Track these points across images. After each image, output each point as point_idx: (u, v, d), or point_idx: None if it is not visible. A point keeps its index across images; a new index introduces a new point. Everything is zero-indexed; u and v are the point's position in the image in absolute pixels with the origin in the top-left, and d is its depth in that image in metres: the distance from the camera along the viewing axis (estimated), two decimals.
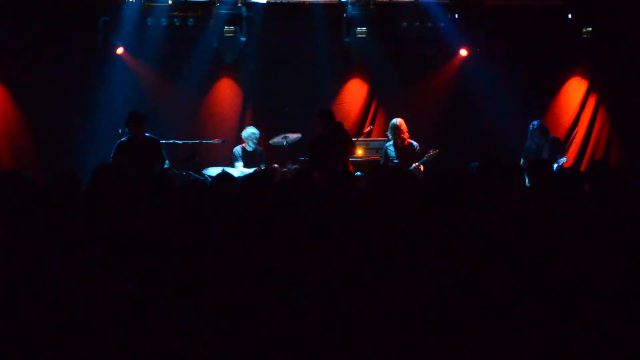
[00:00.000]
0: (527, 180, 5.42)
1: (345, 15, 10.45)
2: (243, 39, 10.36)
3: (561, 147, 9.57)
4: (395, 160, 8.99)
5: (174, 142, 9.37)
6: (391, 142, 9.14)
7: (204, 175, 9.19)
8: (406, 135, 9.06)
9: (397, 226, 3.72)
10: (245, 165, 9.46)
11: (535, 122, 9.36)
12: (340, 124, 8.40)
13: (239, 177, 8.38)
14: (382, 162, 9.20)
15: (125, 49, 10.31)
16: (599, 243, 3.56)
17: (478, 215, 3.99)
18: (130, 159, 7.88)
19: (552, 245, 3.56)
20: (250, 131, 9.58)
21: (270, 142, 9.69)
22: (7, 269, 3.21)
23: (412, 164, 8.71)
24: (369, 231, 3.69)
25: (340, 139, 8.20)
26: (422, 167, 8.84)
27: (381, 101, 11.13)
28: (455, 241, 3.57)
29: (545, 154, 9.19)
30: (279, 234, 3.58)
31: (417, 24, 10.46)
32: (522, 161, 9.37)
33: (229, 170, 8.77)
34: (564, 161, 9.13)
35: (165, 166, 8.35)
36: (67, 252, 3.32)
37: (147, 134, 8.29)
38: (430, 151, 8.98)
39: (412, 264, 3.29)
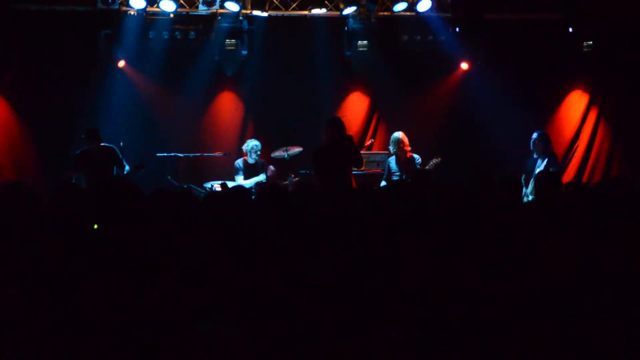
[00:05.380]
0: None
1: (346, 28, 10.47)
2: (244, 52, 10.36)
3: (556, 165, 9.09)
4: (398, 174, 8.97)
5: (175, 155, 9.38)
6: (393, 156, 9.12)
7: (204, 188, 9.17)
8: (408, 149, 9.05)
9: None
10: (247, 178, 9.43)
11: (534, 133, 9.07)
12: (351, 137, 7.96)
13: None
14: (385, 176, 9.17)
15: (127, 62, 10.34)
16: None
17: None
18: (88, 168, 8.43)
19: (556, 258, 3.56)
20: (252, 144, 9.57)
21: (272, 155, 9.68)
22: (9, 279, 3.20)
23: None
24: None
25: (346, 150, 7.76)
26: None
27: (382, 114, 11.14)
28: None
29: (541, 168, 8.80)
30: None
31: (418, 37, 10.51)
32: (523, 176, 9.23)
33: (230, 183, 8.79)
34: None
35: (125, 172, 8.59)
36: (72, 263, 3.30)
37: (102, 144, 8.62)
38: (433, 160, 8.97)
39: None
